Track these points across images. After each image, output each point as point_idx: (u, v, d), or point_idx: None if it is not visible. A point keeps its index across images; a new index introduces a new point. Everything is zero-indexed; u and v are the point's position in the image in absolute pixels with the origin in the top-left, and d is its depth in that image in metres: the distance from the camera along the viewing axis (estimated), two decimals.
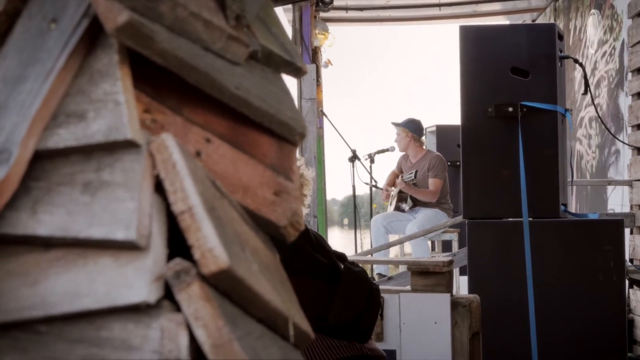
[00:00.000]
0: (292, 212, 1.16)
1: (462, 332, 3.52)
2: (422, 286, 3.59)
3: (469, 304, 3.54)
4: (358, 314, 2.78)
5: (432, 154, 8.05)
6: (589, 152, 7.83)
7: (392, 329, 3.57)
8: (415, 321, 3.53)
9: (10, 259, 0.97)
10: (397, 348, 3.55)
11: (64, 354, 0.94)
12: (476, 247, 4.47)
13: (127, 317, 0.93)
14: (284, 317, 1.09)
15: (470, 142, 4.57)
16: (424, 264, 3.62)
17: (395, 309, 3.57)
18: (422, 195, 7.75)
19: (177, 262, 0.92)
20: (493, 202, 4.48)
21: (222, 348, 0.89)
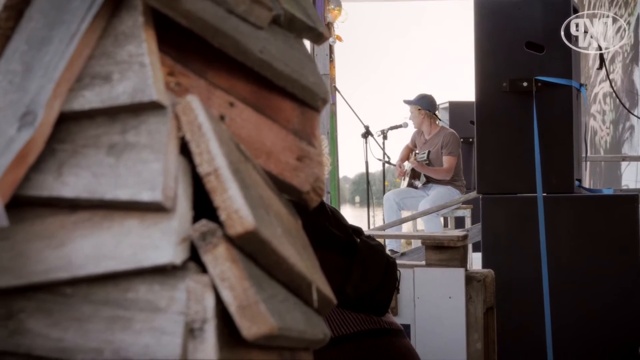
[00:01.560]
0: (314, 177, 1.16)
1: (477, 306, 3.51)
2: (437, 261, 3.59)
3: (483, 279, 3.53)
4: (375, 287, 2.78)
5: (445, 130, 8.03)
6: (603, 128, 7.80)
7: (406, 304, 3.57)
8: (430, 296, 3.53)
9: (35, 222, 0.97)
10: (412, 322, 3.55)
11: (89, 315, 0.94)
12: (490, 222, 4.46)
13: (153, 279, 0.93)
14: (307, 281, 1.09)
15: (485, 117, 4.55)
16: (438, 238, 3.62)
17: (409, 284, 3.57)
18: (436, 173, 7.74)
19: (203, 224, 0.92)
20: (507, 177, 4.47)
21: (248, 309, 0.89)
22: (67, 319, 0.95)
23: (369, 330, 2.74)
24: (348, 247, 2.80)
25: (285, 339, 0.99)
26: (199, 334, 0.89)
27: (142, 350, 0.91)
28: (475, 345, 3.49)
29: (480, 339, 3.49)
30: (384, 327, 2.78)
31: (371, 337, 2.72)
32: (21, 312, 0.96)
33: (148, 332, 0.91)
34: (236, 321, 0.89)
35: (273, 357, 1.05)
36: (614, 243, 4.27)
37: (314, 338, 1.10)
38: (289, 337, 0.98)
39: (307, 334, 1.06)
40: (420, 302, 3.54)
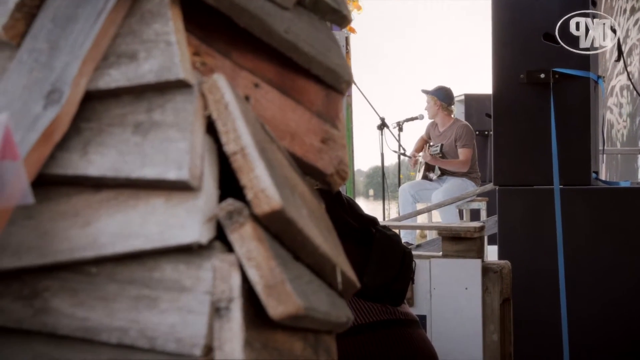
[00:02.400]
0: (338, 160, 1.15)
1: (493, 298, 3.50)
2: (453, 252, 3.57)
3: (500, 270, 3.52)
4: (392, 277, 2.77)
5: (459, 123, 8.01)
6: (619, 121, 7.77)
7: (422, 295, 3.56)
8: (446, 287, 3.52)
9: (60, 201, 0.97)
10: (428, 313, 3.54)
11: (114, 295, 0.94)
12: (506, 214, 4.45)
13: (179, 258, 0.92)
14: (331, 263, 1.08)
15: (502, 109, 4.53)
16: (455, 229, 3.60)
17: (425, 275, 3.56)
18: (451, 166, 7.72)
19: (230, 203, 0.91)
20: (524, 169, 4.45)
21: (274, 289, 0.89)
22: (92, 298, 0.94)
23: (384, 320, 2.73)
24: (364, 237, 2.79)
25: (310, 321, 0.99)
26: (225, 313, 0.89)
27: (168, 330, 0.90)
28: (492, 337, 3.47)
29: (496, 330, 3.48)
30: (399, 318, 2.77)
31: (387, 328, 2.71)
32: (46, 291, 0.96)
33: (174, 312, 0.91)
34: (262, 300, 0.89)
35: (297, 339, 1.05)
36: (630, 235, 4.24)
37: (338, 321, 1.10)
38: (314, 318, 0.98)
39: (332, 316, 1.06)
40: (436, 293, 3.53)
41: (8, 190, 0.87)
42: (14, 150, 0.87)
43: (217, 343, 0.89)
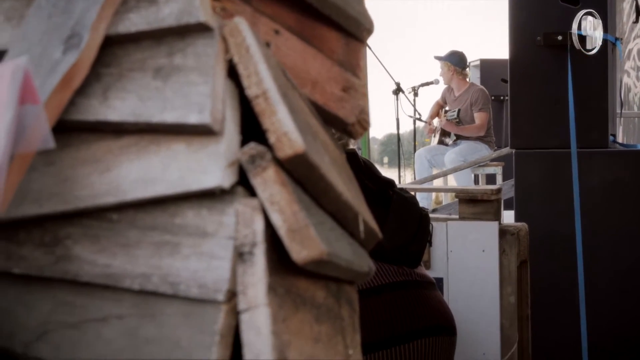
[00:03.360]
0: (359, 109, 1.14)
1: (510, 260, 3.49)
2: (470, 214, 3.56)
3: (517, 232, 3.51)
4: (409, 239, 2.77)
5: (474, 87, 7.97)
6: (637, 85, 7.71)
7: (439, 257, 3.56)
8: (463, 249, 3.51)
9: (81, 147, 0.96)
10: (445, 276, 3.54)
11: (136, 241, 0.93)
12: (523, 177, 4.42)
13: (201, 204, 0.92)
14: (354, 211, 1.07)
15: (518, 72, 4.50)
16: (472, 191, 3.59)
17: (442, 237, 3.55)
18: (467, 131, 7.69)
19: (252, 147, 0.90)
20: (541, 132, 4.42)
21: (298, 233, 0.88)
22: (113, 244, 0.94)
23: (401, 281, 2.73)
24: (381, 199, 2.79)
25: (333, 267, 0.98)
26: (248, 257, 0.88)
27: (191, 275, 0.90)
28: (509, 299, 3.47)
29: (513, 292, 3.47)
30: (416, 279, 2.77)
31: (403, 289, 2.71)
32: (67, 238, 0.96)
33: (196, 257, 0.90)
34: (286, 245, 0.88)
35: (320, 287, 1.04)
36: None
37: (360, 270, 1.09)
38: (337, 265, 0.97)
39: (354, 264, 1.05)
40: (453, 255, 3.52)
41: (29, 135, 0.87)
42: (34, 94, 0.86)
43: (240, 288, 0.88)
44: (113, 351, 0.91)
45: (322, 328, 1.02)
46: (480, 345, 3.42)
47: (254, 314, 0.86)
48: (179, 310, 0.90)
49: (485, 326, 3.43)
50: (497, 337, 3.42)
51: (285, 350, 0.89)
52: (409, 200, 2.85)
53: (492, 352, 3.41)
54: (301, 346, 0.94)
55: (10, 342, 0.97)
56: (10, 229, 0.97)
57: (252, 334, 0.86)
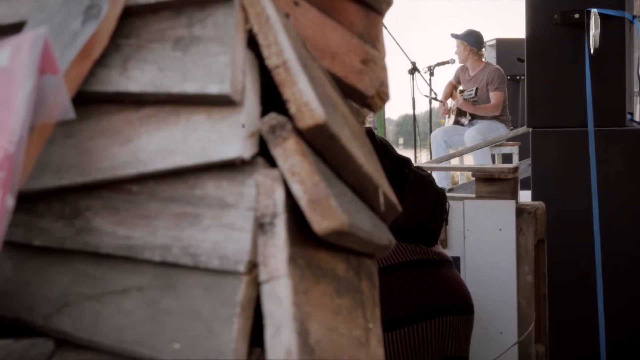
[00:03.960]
0: (379, 82, 1.13)
1: (527, 239, 3.48)
2: (487, 193, 3.55)
3: (534, 211, 3.50)
4: (426, 217, 2.76)
5: (490, 66, 7.94)
6: None
7: (456, 236, 3.55)
8: (480, 228, 3.50)
9: (101, 118, 0.96)
10: (461, 255, 3.53)
11: (156, 213, 0.93)
12: (540, 156, 4.40)
13: (221, 175, 0.91)
14: (374, 184, 1.06)
15: (535, 50, 4.47)
16: (488, 170, 3.58)
17: (459, 216, 3.54)
18: (483, 111, 7.66)
19: (272, 117, 0.90)
20: (558, 111, 4.39)
21: (319, 204, 0.87)
22: (134, 216, 0.93)
23: (418, 260, 2.72)
24: (398, 177, 2.78)
25: (354, 239, 0.97)
26: (269, 228, 0.88)
27: (212, 247, 0.89)
28: (526, 278, 3.46)
29: (530, 271, 3.46)
30: (433, 258, 2.77)
31: (420, 267, 2.71)
32: (87, 210, 0.96)
33: (217, 228, 0.90)
34: (307, 215, 0.88)
35: (340, 260, 1.03)
36: None
37: (380, 243, 1.08)
38: (357, 237, 0.96)
39: (374, 237, 1.04)
40: (470, 234, 3.51)
41: (49, 105, 0.86)
42: (53, 65, 0.86)
43: (261, 259, 0.88)
44: (133, 323, 0.91)
45: (342, 301, 1.01)
46: (497, 324, 3.42)
47: (275, 285, 0.86)
48: (199, 281, 0.90)
49: (502, 305, 3.42)
50: (514, 316, 3.41)
51: (306, 321, 0.88)
52: (425, 179, 2.84)
53: (509, 331, 3.41)
54: (322, 318, 0.93)
55: (30, 315, 0.97)
56: (30, 201, 0.97)
57: (273, 305, 0.86)
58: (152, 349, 0.89)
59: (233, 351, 0.86)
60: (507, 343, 3.39)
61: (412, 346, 2.60)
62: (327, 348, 0.93)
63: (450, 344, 2.70)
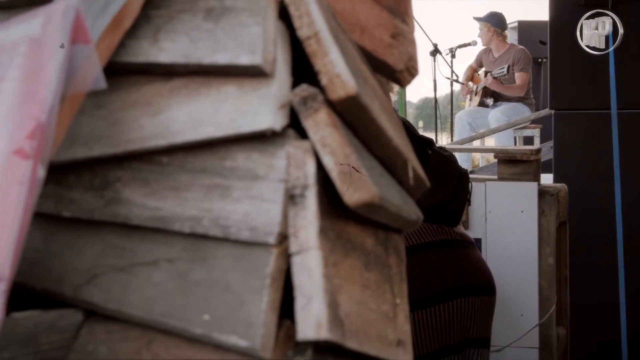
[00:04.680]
0: (408, 56, 1.12)
1: (549, 221, 3.46)
2: (509, 174, 3.53)
3: (556, 193, 3.47)
4: (449, 197, 2.75)
5: (516, 47, 7.88)
6: None
7: (477, 218, 3.53)
8: (502, 210, 3.49)
9: (131, 90, 0.95)
10: (483, 236, 3.51)
11: (186, 184, 0.93)
12: (562, 138, 4.37)
13: (252, 147, 0.91)
14: (403, 158, 1.06)
15: (559, 31, 4.43)
16: (511, 151, 3.56)
17: (481, 198, 3.53)
18: (509, 90, 7.61)
19: (304, 88, 0.89)
20: (581, 93, 4.36)
21: (350, 175, 0.87)
22: (163, 188, 0.93)
23: (441, 240, 2.71)
24: (420, 157, 2.76)
25: (383, 213, 0.97)
26: (299, 200, 0.87)
27: (242, 218, 0.89)
28: (547, 260, 3.44)
29: (552, 253, 3.45)
30: (455, 239, 2.76)
31: (443, 248, 2.70)
32: (117, 181, 0.95)
33: (247, 200, 0.89)
34: (338, 187, 0.87)
35: (369, 234, 1.03)
36: None
37: (409, 218, 1.08)
38: (387, 210, 0.96)
39: (403, 211, 1.04)
40: (491, 216, 3.50)
41: (80, 75, 0.86)
42: (85, 34, 0.86)
43: (291, 230, 0.87)
44: (163, 294, 0.91)
45: (370, 275, 1.01)
46: (518, 306, 3.41)
47: (305, 257, 0.86)
48: (229, 253, 0.90)
49: (524, 287, 3.41)
50: (535, 298, 3.40)
51: (336, 294, 0.88)
52: (448, 159, 2.83)
53: (530, 313, 3.40)
54: (351, 292, 0.93)
55: (59, 286, 0.97)
56: (60, 172, 0.97)
57: (303, 277, 0.85)
58: (181, 320, 0.89)
59: (263, 323, 0.86)
60: (528, 325, 3.38)
61: (434, 327, 2.59)
62: (355, 321, 0.92)
63: (473, 324, 2.70)
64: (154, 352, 0.91)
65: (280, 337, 0.89)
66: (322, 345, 0.89)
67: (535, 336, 3.37)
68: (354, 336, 0.91)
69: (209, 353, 0.89)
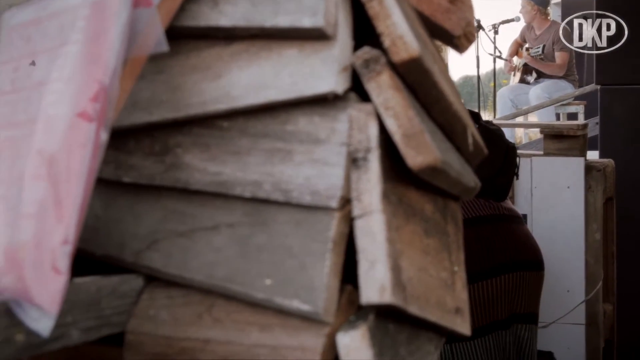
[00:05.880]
0: (466, 21, 1.11)
1: (596, 196, 3.43)
2: (555, 150, 3.50)
3: (603, 168, 3.44)
4: (496, 171, 2.73)
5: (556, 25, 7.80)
6: None
7: (523, 193, 3.51)
8: (548, 185, 3.46)
9: (191, 54, 0.95)
10: (529, 212, 3.49)
11: (247, 148, 0.92)
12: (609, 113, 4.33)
13: (313, 111, 0.90)
14: (463, 124, 1.05)
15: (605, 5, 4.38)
16: (557, 126, 3.53)
17: (526, 174, 3.50)
18: (549, 69, 7.54)
19: (366, 51, 0.88)
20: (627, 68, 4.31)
21: (413, 138, 0.86)
22: (224, 152, 0.93)
23: (489, 215, 2.70)
24: None
25: (444, 178, 0.96)
26: (362, 163, 0.87)
27: (303, 182, 0.89)
28: (594, 236, 3.42)
29: (599, 229, 3.42)
30: (503, 213, 2.74)
31: (491, 223, 2.68)
32: (177, 147, 0.95)
33: (309, 164, 0.89)
34: (401, 150, 0.86)
35: (428, 200, 1.02)
36: None
37: (468, 184, 1.07)
38: (448, 175, 0.95)
39: (463, 177, 1.03)
40: (537, 191, 3.48)
41: (142, 38, 0.86)
42: None
43: (354, 194, 0.87)
44: (224, 259, 0.91)
45: (430, 242, 1.00)
46: (564, 282, 3.39)
47: (368, 220, 0.85)
48: (291, 217, 0.89)
49: (570, 263, 3.39)
50: (581, 274, 3.38)
51: (398, 258, 0.87)
52: (495, 133, 2.81)
53: (577, 289, 3.38)
54: (412, 257, 0.92)
55: (119, 252, 0.97)
56: (120, 138, 0.97)
57: (367, 240, 0.85)
58: (243, 284, 0.89)
59: (325, 287, 0.85)
60: (574, 301, 3.36)
61: (482, 302, 2.58)
62: (417, 287, 0.92)
63: (520, 300, 2.68)
64: (215, 317, 0.91)
65: (342, 301, 0.88)
66: (384, 311, 0.88)
67: (582, 313, 3.35)
68: (415, 302, 0.90)
69: (271, 317, 0.89)
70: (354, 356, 0.83)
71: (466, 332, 1.05)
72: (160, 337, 0.92)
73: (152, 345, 0.92)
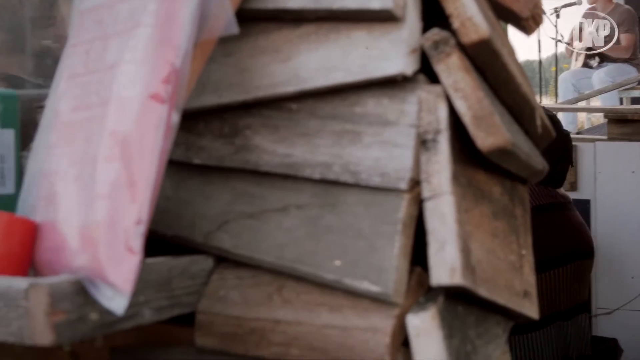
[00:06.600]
0: (533, 3, 1.10)
1: None
2: (619, 134, 3.46)
3: None
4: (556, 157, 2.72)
5: (621, 7, 7.68)
6: None
7: (586, 179, 3.47)
8: (611, 170, 3.42)
9: (259, 37, 0.96)
10: (592, 198, 3.46)
11: (316, 130, 0.92)
12: None
13: (382, 93, 0.90)
14: (531, 106, 1.04)
15: None
16: (621, 111, 3.49)
17: (590, 159, 3.46)
18: (614, 52, 7.43)
19: (435, 32, 0.88)
20: None
21: (483, 120, 0.86)
22: (293, 134, 0.93)
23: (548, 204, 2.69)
24: None
25: (513, 160, 0.96)
26: (432, 145, 0.87)
27: (372, 164, 0.89)
28: None
29: None
30: (560, 201, 2.73)
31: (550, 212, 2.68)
32: (247, 129, 0.96)
33: (378, 146, 0.89)
34: (471, 132, 0.86)
35: (496, 183, 1.02)
36: None
37: (536, 167, 1.06)
38: (517, 157, 0.95)
39: (532, 159, 1.02)
40: (601, 176, 3.44)
41: (212, 21, 0.87)
42: None
43: (424, 176, 0.87)
44: (294, 240, 0.92)
45: (498, 224, 1.00)
46: (629, 268, 3.35)
47: (438, 202, 0.85)
48: (360, 199, 0.90)
49: (635, 249, 3.35)
50: None
51: (468, 240, 0.87)
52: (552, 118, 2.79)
53: None
54: (481, 239, 0.92)
55: (190, 232, 0.99)
56: (190, 120, 0.98)
57: (437, 222, 0.85)
58: (312, 265, 0.90)
59: (395, 268, 0.86)
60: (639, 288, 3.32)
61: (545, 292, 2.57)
62: (486, 269, 0.92)
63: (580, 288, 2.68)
64: (285, 298, 0.92)
65: (412, 283, 0.89)
66: (453, 292, 0.88)
67: None
68: (484, 284, 0.90)
69: (340, 299, 0.89)
70: (423, 337, 0.83)
71: (534, 315, 1.05)
72: (231, 317, 0.93)
73: (222, 325, 0.93)
